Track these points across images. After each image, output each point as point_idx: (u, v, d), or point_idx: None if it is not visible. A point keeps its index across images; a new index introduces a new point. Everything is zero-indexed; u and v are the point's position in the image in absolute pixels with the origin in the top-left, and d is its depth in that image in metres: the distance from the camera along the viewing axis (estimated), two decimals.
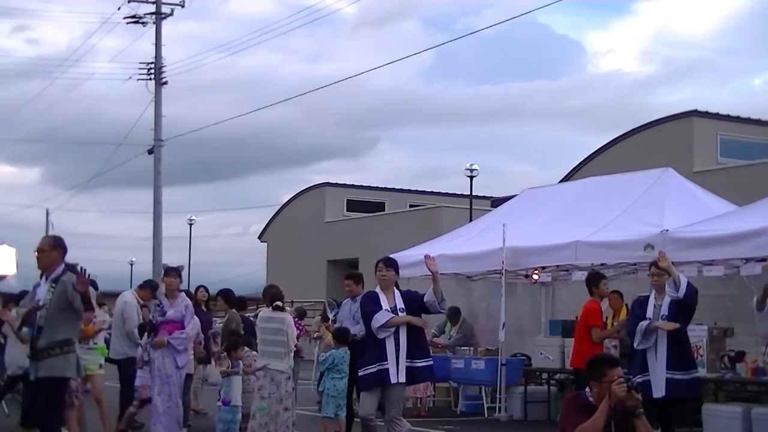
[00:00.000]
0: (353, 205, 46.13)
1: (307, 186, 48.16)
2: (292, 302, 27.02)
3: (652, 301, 11.16)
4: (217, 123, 37.07)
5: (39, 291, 9.28)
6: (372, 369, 10.49)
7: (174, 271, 12.35)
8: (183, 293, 12.37)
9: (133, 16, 34.37)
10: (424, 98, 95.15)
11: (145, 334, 12.49)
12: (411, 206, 44.56)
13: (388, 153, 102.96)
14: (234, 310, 14.61)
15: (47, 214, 62.37)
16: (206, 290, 14.98)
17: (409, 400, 16.93)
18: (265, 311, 12.92)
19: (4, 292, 13.90)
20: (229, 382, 12.15)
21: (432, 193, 47.70)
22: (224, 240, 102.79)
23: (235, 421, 12.18)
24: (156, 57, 34.29)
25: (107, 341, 14.22)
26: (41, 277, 9.38)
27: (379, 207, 45.69)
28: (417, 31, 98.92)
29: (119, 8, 34.45)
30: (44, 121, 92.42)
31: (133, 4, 34.20)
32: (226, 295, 14.94)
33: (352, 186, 47.51)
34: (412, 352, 10.45)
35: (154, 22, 34.43)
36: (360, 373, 10.77)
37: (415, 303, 10.62)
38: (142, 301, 14.10)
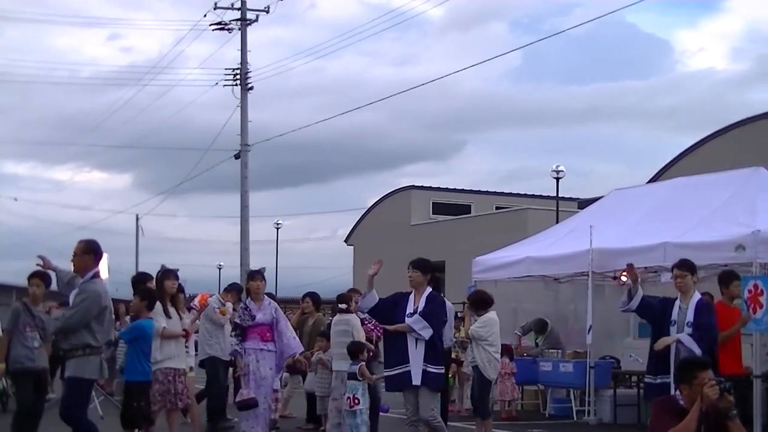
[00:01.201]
0: (439, 208, 46.06)
1: (394, 189, 48.23)
2: None
3: (677, 304, 10.75)
4: (302, 127, 37.21)
5: (73, 293, 9.53)
6: (396, 371, 10.54)
7: (258, 274, 12.38)
8: (266, 296, 12.42)
9: (219, 23, 34.75)
10: (511, 100, 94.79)
11: (235, 338, 12.57)
12: (497, 208, 44.36)
13: (476, 155, 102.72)
14: (321, 313, 14.66)
15: (137, 219, 63.48)
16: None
17: (496, 403, 16.88)
18: (338, 315, 13.03)
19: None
20: (364, 386, 12.07)
21: (518, 195, 47.43)
22: (311, 243, 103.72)
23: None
24: (242, 63, 34.61)
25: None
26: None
27: (465, 210, 45.56)
28: (505, 32, 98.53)
29: (205, 15, 34.88)
30: (134, 128, 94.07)
31: (219, 11, 34.60)
32: (313, 298, 15.01)
33: (438, 189, 47.44)
34: (428, 357, 10.38)
35: (239, 29, 34.76)
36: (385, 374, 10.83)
37: (438, 308, 10.57)
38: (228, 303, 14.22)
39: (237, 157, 34.21)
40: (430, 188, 47.23)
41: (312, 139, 73.47)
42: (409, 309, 10.51)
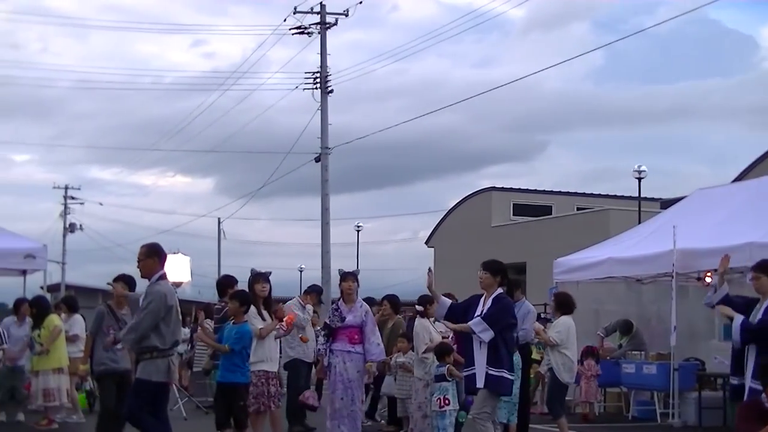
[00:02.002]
0: (520, 209, 45.87)
1: (474, 191, 48.12)
2: None
3: (759, 306, 10.41)
4: (382, 129, 37.25)
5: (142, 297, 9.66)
6: (465, 373, 10.51)
7: (350, 276, 12.39)
8: (360, 298, 12.43)
9: (299, 27, 34.93)
10: (594, 100, 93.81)
11: (323, 338, 12.62)
12: (578, 209, 44.03)
13: (557, 156, 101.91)
14: (400, 316, 14.66)
15: (219, 222, 64.15)
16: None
17: (579, 405, 16.75)
18: (417, 318, 13.05)
19: (186, 299, 14.29)
20: (453, 386, 12.04)
21: (600, 195, 47.01)
22: (392, 246, 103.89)
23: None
24: (321, 66, 34.77)
25: None
26: None
27: (545, 211, 45.30)
28: (587, 32, 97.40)
29: (285, 20, 35.08)
30: (217, 132, 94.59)
31: (298, 15, 34.77)
32: (392, 300, 15.02)
33: (519, 190, 47.24)
34: (490, 360, 10.21)
35: (319, 32, 34.93)
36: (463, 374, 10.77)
37: (501, 311, 10.35)
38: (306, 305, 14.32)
39: (317, 160, 34.36)
40: (510, 189, 47.05)
41: (393, 141, 73.74)
42: (478, 311, 10.43)
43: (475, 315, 10.38)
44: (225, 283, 12.41)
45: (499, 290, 10.45)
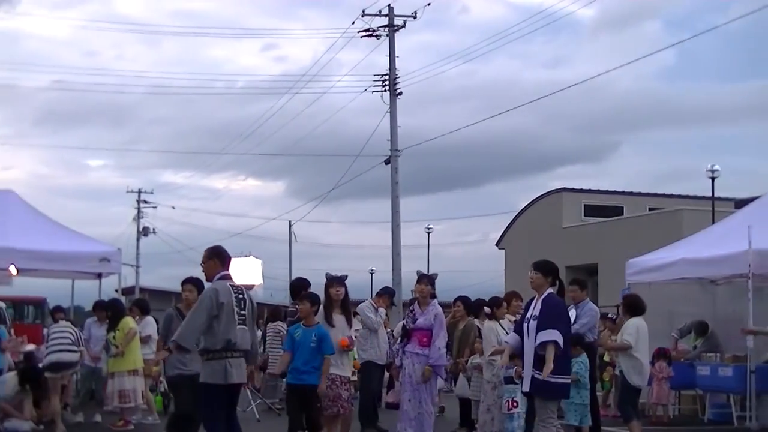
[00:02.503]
0: (591, 210, 45.48)
1: (545, 192, 47.86)
2: None
3: None
4: (452, 131, 37.21)
5: None
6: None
7: (425, 278, 12.41)
8: (435, 301, 12.41)
9: (367, 30, 35.04)
10: (667, 99, 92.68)
11: (398, 339, 12.64)
12: (650, 210, 43.56)
13: (630, 156, 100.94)
14: (472, 318, 14.64)
15: (290, 225, 64.56)
16: None
17: (652, 407, 16.57)
18: (486, 320, 13.01)
19: (258, 302, 14.37)
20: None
21: (671, 196, 46.44)
22: (463, 247, 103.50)
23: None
24: (390, 68, 34.82)
25: None
26: None
27: (617, 211, 44.86)
28: (659, 31, 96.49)
29: (353, 23, 35.22)
30: (287, 136, 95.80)
31: (367, 18, 34.87)
32: (464, 302, 15.00)
33: (590, 191, 46.87)
34: (537, 363, 10.04)
35: (387, 35, 34.99)
36: None
37: (551, 311, 10.16)
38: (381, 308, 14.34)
39: (387, 162, 34.40)
40: (581, 190, 46.69)
41: (463, 142, 73.44)
42: (529, 313, 10.36)
43: (526, 317, 10.35)
44: (298, 286, 12.49)
45: (550, 290, 10.34)
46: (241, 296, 9.48)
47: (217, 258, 9.69)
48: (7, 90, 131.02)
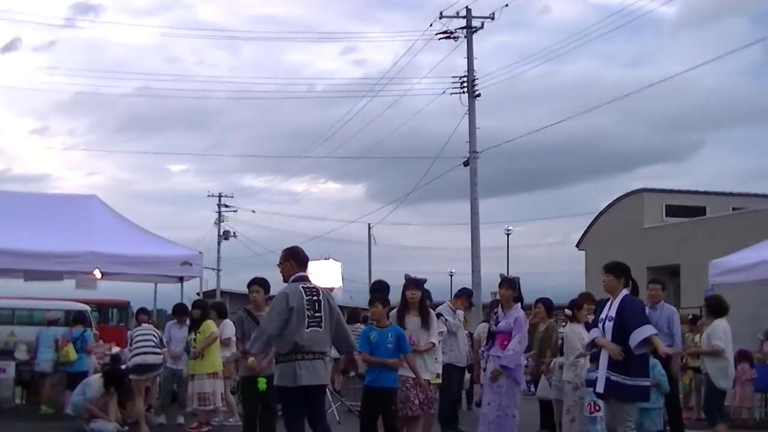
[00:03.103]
0: (673, 210, 44.86)
1: (625, 192, 47.37)
2: None
3: None
4: (531, 132, 37.05)
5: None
6: (594, 375, 10.32)
7: (506, 282, 12.37)
8: (518, 305, 12.36)
9: (445, 32, 35.01)
10: (753, 97, 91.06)
11: (481, 342, 12.61)
12: (734, 209, 42.85)
13: (713, 155, 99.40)
14: (553, 320, 14.53)
15: (369, 228, 64.78)
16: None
17: (734, 411, 16.30)
18: (567, 322, 12.91)
19: (338, 304, 14.40)
20: None
21: (756, 195, 45.60)
22: (542, 249, 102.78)
23: None
24: (468, 70, 34.74)
25: None
26: None
27: (699, 211, 44.21)
28: (745, 28, 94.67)
29: (431, 25, 35.21)
30: (367, 139, 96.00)
31: (444, 20, 34.86)
32: (545, 303, 14.89)
33: (671, 191, 46.27)
34: (612, 364, 9.87)
35: (465, 37, 34.93)
36: None
37: (633, 309, 10.02)
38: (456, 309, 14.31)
39: (466, 164, 34.33)
40: (662, 190, 46.09)
41: (543, 143, 73.11)
42: (603, 314, 10.23)
43: (600, 318, 10.24)
44: (378, 288, 12.53)
45: (624, 291, 10.20)
46: (315, 298, 9.43)
47: (294, 259, 9.71)
48: (92, 97, 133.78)
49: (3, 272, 19.43)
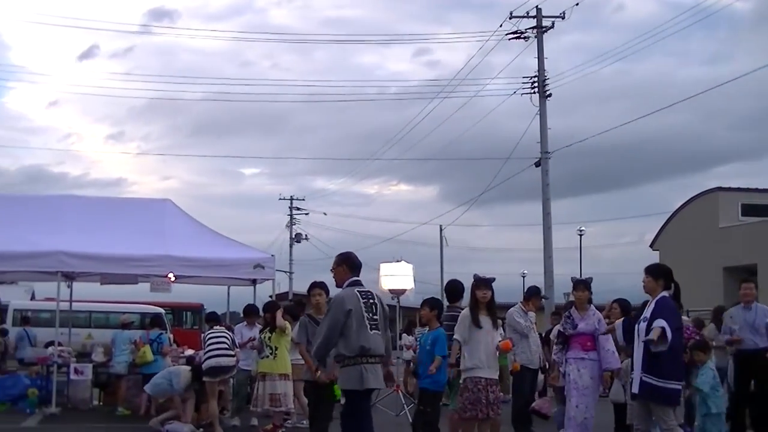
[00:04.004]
0: (749, 210, 44.20)
1: (700, 191, 46.79)
2: (688, 312, 26.23)
3: None
4: (603, 132, 36.79)
5: None
6: (631, 376, 10.25)
7: (582, 284, 12.32)
8: (593, 306, 12.30)
9: (515, 32, 34.88)
10: None
11: (556, 346, 12.54)
12: None
13: None
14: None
15: (440, 230, 64.66)
16: None
17: None
18: None
19: (410, 306, 14.41)
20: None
21: None
22: (616, 249, 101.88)
23: None
24: (539, 70, 34.58)
25: None
26: None
27: None
28: None
29: (501, 25, 35.10)
30: (438, 140, 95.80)
31: (514, 20, 34.73)
32: (621, 304, 14.73)
33: (747, 189, 45.58)
34: (648, 365, 9.78)
35: (535, 37, 34.76)
36: None
37: (662, 311, 9.86)
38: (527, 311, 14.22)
39: (537, 164, 34.17)
40: (738, 189, 45.42)
41: (616, 143, 72.39)
42: (641, 315, 10.18)
43: (638, 319, 10.20)
44: (454, 288, 12.56)
45: (663, 294, 10.10)
46: (371, 301, 9.46)
47: (347, 264, 9.72)
48: (166, 102, 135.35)
49: (80, 276, 19.79)
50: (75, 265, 17.52)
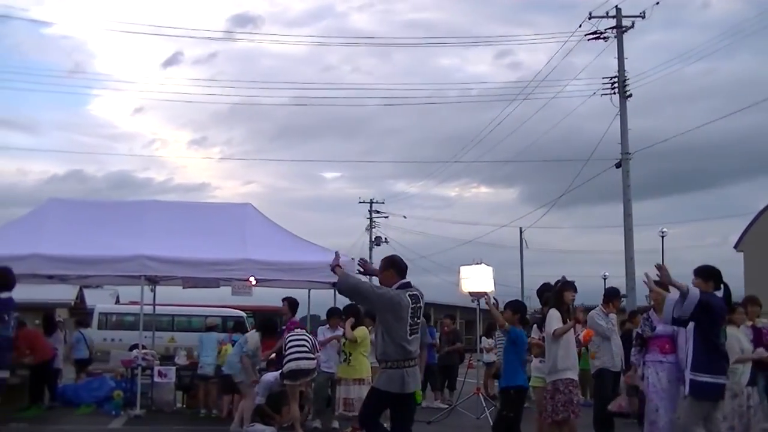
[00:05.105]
0: None
1: None
2: None
3: None
4: (685, 132, 36.33)
5: None
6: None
7: (660, 286, 12.21)
8: None
9: (594, 32, 34.63)
10: None
11: (635, 348, 12.45)
12: None
13: None
14: None
15: (520, 232, 64.42)
16: None
17: None
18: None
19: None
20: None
21: None
22: (699, 251, 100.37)
23: None
24: (619, 70, 34.29)
25: None
26: None
27: None
28: None
29: (580, 26, 34.88)
30: (518, 142, 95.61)
31: (594, 20, 34.48)
32: None
33: None
34: (696, 363, 9.78)
35: (615, 37, 34.47)
36: None
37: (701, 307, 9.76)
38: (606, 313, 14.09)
39: (618, 165, 33.87)
40: None
41: (699, 143, 71.31)
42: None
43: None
44: (543, 291, 12.58)
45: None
46: (418, 305, 9.44)
47: (394, 268, 9.66)
48: (248, 108, 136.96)
49: (163, 280, 20.07)
50: (158, 269, 17.77)
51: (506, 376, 11.82)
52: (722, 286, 10.22)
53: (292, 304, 16.81)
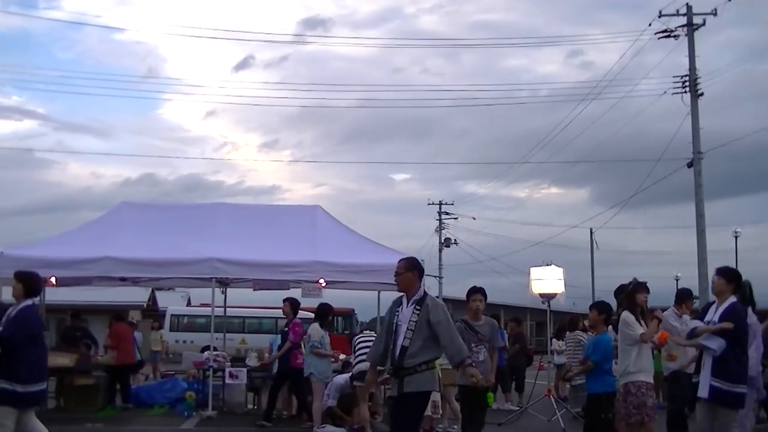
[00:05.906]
0: None
1: None
2: None
3: None
4: (759, 131, 35.70)
5: (402, 312, 9.49)
6: (695, 379, 10.09)
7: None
8: (749, 310, 12.01)
9: (664, 31, 34.26)
10: None
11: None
12: None
13: None
14: None
15: (591, 233, 63.89)
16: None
17: None
18: None
19: (561, 310, 14.29)
20: None
21: None
22: None
23: None
24: (690, 69, 33.88)
25: None
26: (403, 299, 9.62)
27: None
28: None
29: (650, 24, 34.52)
30: (588, 142, 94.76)
31: (664, 18, 34.11)
32: None
33: None
34: (717, 370, 9.64)
35: (686, 35, 34.07)
36: None
37: (731, 317, 9.66)
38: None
39: (690, 165, 33.47)
40: None
41: None
42: (708, 317, 9.96)
43: (705, 320, 10.00)
44: (618, 292, 12.54)
45: (732, 298, 9.91)
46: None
47: (418, 270, 9.74)
48: (318, 110, 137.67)
49: (233, 282, 20.22)
50: (228, 272, 17.91)
51: (591, 381, 11.71)
52: (743, 290, 10.19)
53: (293, 305, 16.86)
